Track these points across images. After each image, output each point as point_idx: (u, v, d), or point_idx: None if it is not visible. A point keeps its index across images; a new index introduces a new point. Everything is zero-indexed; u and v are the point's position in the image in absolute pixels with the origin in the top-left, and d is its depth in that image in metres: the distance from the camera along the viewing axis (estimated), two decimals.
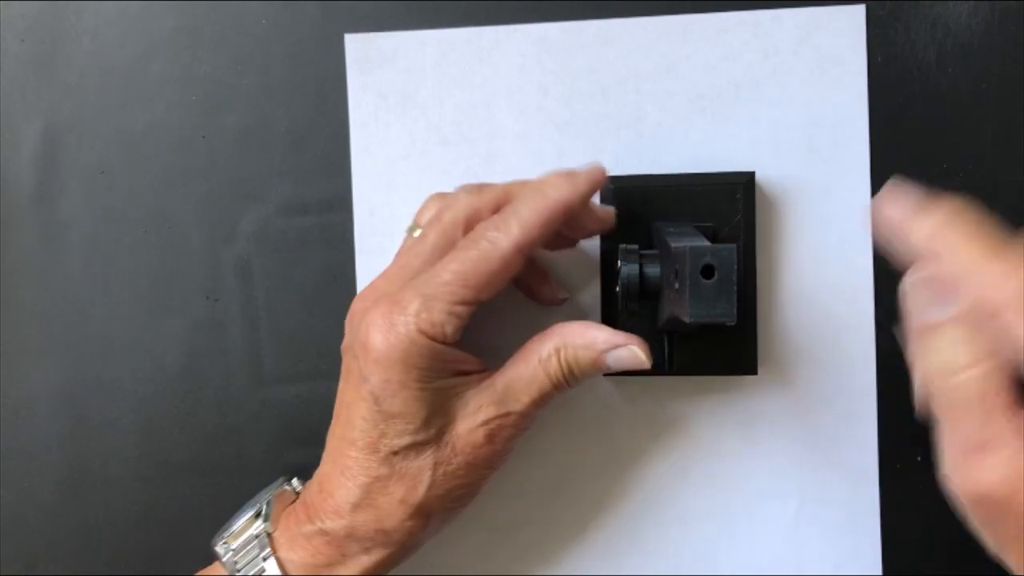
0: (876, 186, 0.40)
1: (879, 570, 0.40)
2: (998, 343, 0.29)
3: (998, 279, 0.29)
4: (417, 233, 0.38)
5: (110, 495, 0.43)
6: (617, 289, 0.37)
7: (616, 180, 0.39)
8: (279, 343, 0.42)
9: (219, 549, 0.37)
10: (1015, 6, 0.40)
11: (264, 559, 0.36)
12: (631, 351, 0.35)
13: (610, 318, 0.39)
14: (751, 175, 0.39)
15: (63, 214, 0.43)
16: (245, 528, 0.37)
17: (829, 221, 0.40)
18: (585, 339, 0.35)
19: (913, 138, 0.40)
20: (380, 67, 0.41)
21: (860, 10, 0.40)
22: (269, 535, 0.36)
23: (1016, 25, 0.40)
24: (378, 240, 0.42)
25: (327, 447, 0.37)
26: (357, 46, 0.42)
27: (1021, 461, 0.29)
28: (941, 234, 0.31)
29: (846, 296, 0.40)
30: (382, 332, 0.33)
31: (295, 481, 0.40)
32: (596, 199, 0.39)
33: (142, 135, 0.42)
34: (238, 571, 0.36)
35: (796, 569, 0.40)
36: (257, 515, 0.37)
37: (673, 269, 0.32)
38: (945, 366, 0.31)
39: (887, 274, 0.40)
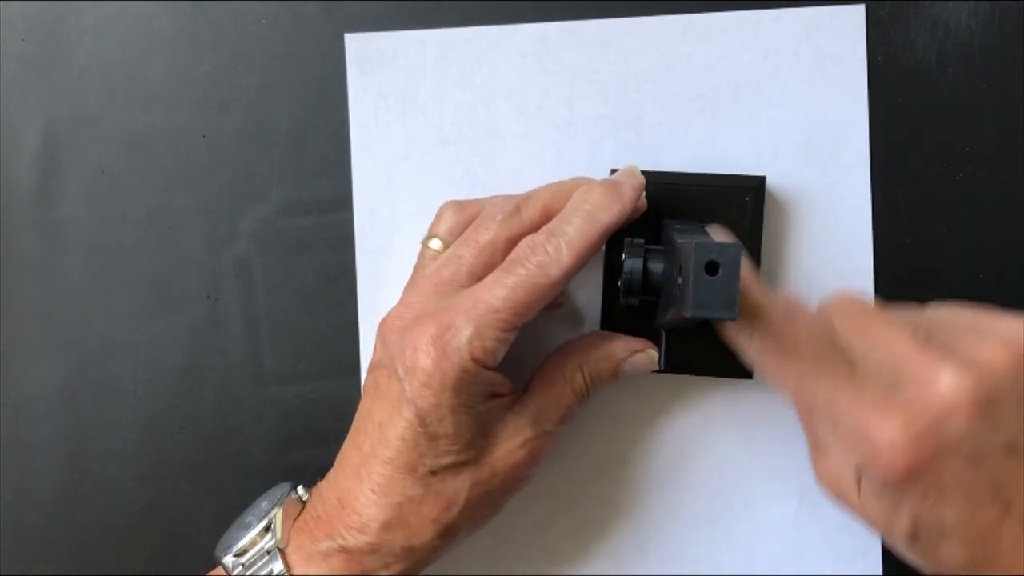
0: (876, 186, 0.40)
1: (879, 570, 0.40)
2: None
3: (743, 344, 0.34)
4: (434, 244, 0.37)
5: (110, 495, 0.43)
6: (619, 282, 0.37)
7: None
8: (279, 343, 0.42)
9: (227, 561, 0.36)
10: (1015, 6, 0.40)
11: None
12: (648, 355, 0.37)
13: (610, 311, 0.39)
14: (762, 179, 0.38)
15: (63, 214, 0.43)
16: (254, 542, 0.36)
17: (829, 221, 0.40)
18: (604, 351, 0.37)
19: (913, 138, 0.40)
20: (380, 67, 0.41)
21: (860, 10, 0.40)
22: (281, 551, 0.36)
23: (1016, 25, 0.40)
24: (378, 240, 0.42)
25: (347, 460, 0.36)
26: (357, 46, 0.42)
27: (846, 465, 0.33)
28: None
29: None
30: (433, 358, 0.33)
31: (300, 489, 0.38)
32: None
33: (142, 135, 0.43)
34: None
35: (796, 569, 0.40)
36: (266, 529, 0.36)
37: (677, 264, 0.32)
38: (797, 394, 0.35)
39: (887, 274, 0.40)
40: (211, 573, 0.37)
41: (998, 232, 0.40)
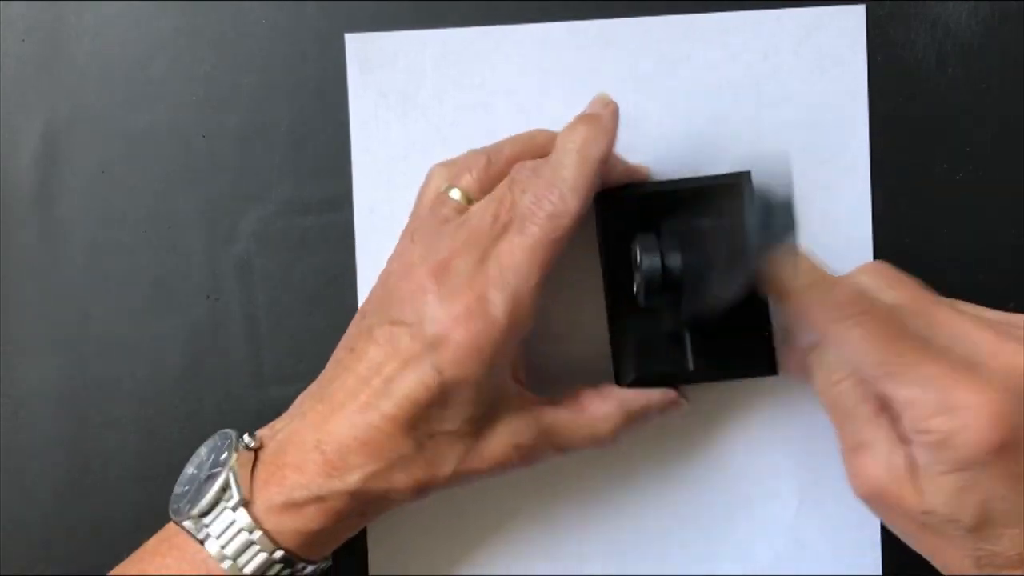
0: (876, 186, 0.40)
1: (879, 570, 0.40)
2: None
3: (815, 307, 0.33)
4: (455, 194, 0.37)
5: (110, 495, 0.43)
6: (635, 285, 0.36)
7: (605, 195, 0.38)
8: (279, 343, 0.42)
9: (188, 525, 0.34)
10: (1015, 6, 0.40)
11: (250, 532, 0.34)
12: (679, 404, 0.39)
13: (617, 315, 0.38)
14: (746, 175, 0.37)
15: (63, 214, 0.43)
16: (215, 499, 0.34)
17: (829, 221, 0.40)
18: (641, 402, 0.38)
19: (913, 138, 0.40)
20: (380, 67, 0.41)
21: (860, 10, 0.40)
22: (247, 505, 0.34)
23: (1016, 25, 0.40)
24: (379, 240, 0.42)
25: (336, 405, 0.35)
26: (357, 46, 0.42)
27: (894, 457, 0.32)
28: (779, 272, 0.34)
29: None
30: (470, 333, 0.33)
31: (246, 437, 0.36)
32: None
33: (142, 135, 0.42)
34: (224, 551, 0.34)
35: (796, 569, 0.40)
36: (223, 487, 0.34)
37: (704, 251, 0.32)
38: (825, 379, 0.35)
39: None
40: (162, 533, 0.36)
41: (998, 232, 0.40)
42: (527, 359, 0.38)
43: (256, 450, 0.36)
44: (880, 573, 0.40)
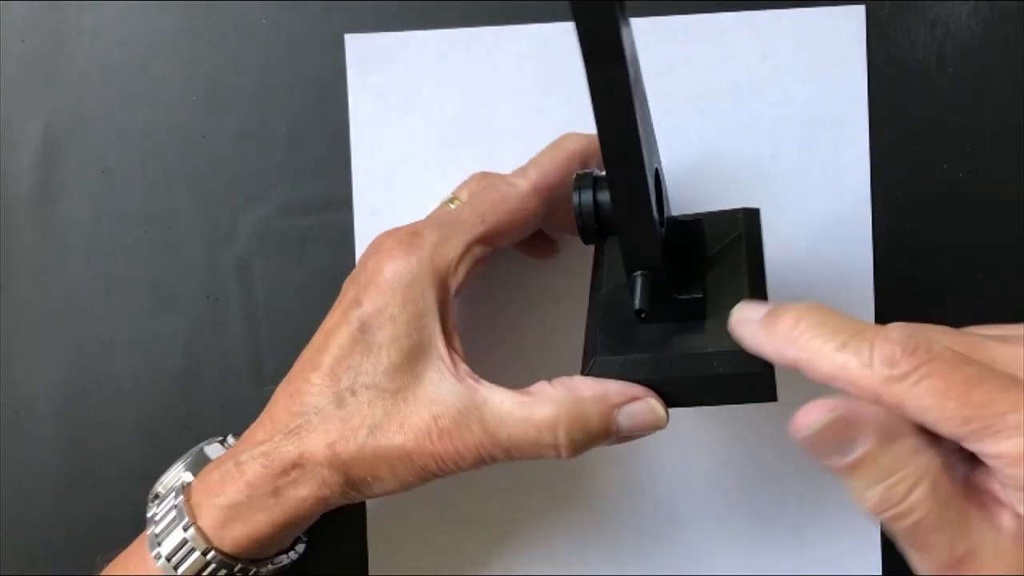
0: (876, 186, 0.40)
1: (879, 570, 0.40)
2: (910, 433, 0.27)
3: (860, 369, 0.27)
4: (453, 205, 0.38)
5: (110, 495, 0.43)
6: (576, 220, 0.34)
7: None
8: (279, 343, 0.42)
9: (150, 506, 0.36)
10: (1015, 6, 0.40)
11: (176, 508, 0.34)
12: (648, 404, 0.32)
13: (594, 311, 0.36)
14: (754, 211, 0.35)
15: (63, 214, 0.43)
16: (171, 481, 0.37)
17: (829, 221, 0.40)
18: (595, 391, 0.32)
19: (913, 138, 0.40)
20: (380, 67, 0.41)
21: (860, 10, 0.40)
22: (188, 485, 0.35)
23: (1016, 25, 0.40)
24: None
25: (298, 379, 0.35)
26: (357, 46, 0.42)
27: (1008, 547, 0.26)
28: (794, 344, 0.28)
29: (846, 296, 0.40)
30: (393, 261, 0.34)
31: (231, 438, 0.39)
32: None
33: (142, 135, 0.42)
34: (156, 523, 0.35)
35: (796, 569, 0.40)
36: (186, 469, 0.37)
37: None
38: (888, 497, 0.28)
39: (887, 275, 0.40)
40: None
41: (998, 232, 0.40)
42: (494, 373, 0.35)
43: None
44: (880, 573, 0.40)
